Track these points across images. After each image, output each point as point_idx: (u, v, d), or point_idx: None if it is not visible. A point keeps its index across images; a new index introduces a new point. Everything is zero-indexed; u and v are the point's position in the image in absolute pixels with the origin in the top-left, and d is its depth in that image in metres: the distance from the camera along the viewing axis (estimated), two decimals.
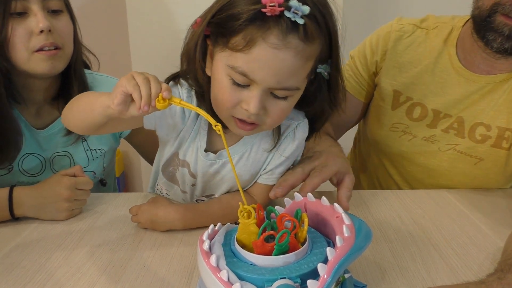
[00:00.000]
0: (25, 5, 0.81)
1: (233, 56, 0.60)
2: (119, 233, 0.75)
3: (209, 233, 0.55)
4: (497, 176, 0.93)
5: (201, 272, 0.52)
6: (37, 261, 0.67)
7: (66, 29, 0.88)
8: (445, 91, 0.93)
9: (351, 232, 0.52)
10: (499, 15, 0.79)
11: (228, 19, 0.59)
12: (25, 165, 0.94)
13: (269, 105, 0.63)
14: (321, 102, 0.71)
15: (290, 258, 0.51)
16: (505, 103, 0.89)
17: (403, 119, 0.98)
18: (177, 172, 0.79)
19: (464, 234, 0.75)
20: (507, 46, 0.80)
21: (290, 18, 0.57)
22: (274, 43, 0.58)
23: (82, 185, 0.80)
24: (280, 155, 0.75)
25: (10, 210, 0.77)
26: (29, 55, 0.83)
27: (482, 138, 0.91)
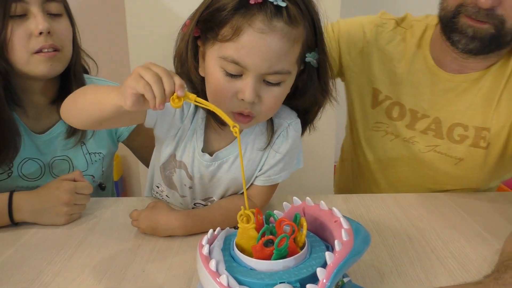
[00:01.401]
0: (25, 7, 0.82)
1: (223, 46, 0.62)
2: (118, 238, 0.75)
3: (208, 238, 0.56)
4: (478, 175, 0.94)
5: (201, 277, 0.52)
6: (37, 266, 0.67)
7: (65, 32, 0.89)
8: (421, 91, 0.94)
9: (349, 236, 0.52)
10: (463, 16, 0.81)
11: (215, 12, 0.62)
12: (24, 169, 0.94)
13: (263, 92, 0.65)
14: (313, 91, 0.72)
15: (289, 263, 0.51)
16: (480, 102, 0.90)
17: (383, 119, 0.99)
18: (174, 175, 0.79)
19: (462, 237, 0.75)
20: (471, 46, 0.82)
21: (272, 2, 0.60)
22: (260, 28, 0.60)
23: (82, 189, 0.81)
24: (276, 152, 0.76)
25: (10, 215, 0.77)
26: (28, 57, 0.84)
27: (460, 138, 0.92)
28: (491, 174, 0.95)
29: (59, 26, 0.87)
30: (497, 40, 0.80)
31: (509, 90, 0.87)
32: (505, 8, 0.76)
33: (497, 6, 0.76)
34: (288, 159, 0.78)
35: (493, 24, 0.78)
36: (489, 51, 0.82)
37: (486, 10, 0.77)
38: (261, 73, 0.63)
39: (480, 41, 0.80)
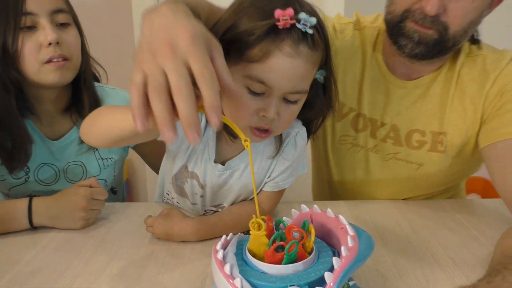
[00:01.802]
0: (34, 19, 0.86)
1: (250, 66, 0.64)
2: (133, 242, 0.79)
3: (222, 243, 0.59)
4: (438, 178, 0.96)
5: (216, 280, 0.56)
6: (57, 269, 0.71)
7: (74, 41, 0.93)
8: (377, 98, 0.96)
9: (355, 242, 0.56)
10: (409, 21, 0.82)
11: (242, 35, 0.63)
12: (40, 175, 0.98)
13: (281, 110, 0.68)
14: (319, 105, 0.76)
15: (298, 267, 0.55)
16: (433, 108, 0.92)
17: (349, 131, 1.00)
18: (185, 185, 0.83)
19: (461, 242, 0.78)
20: (417, 51, 0.83)
21: (300, 29, 0.62)
22: (289, 52, 0.62)
23: (98, 195, 0.84)
24: (284, 160, 0.80)
25: (29, 219, 0.81)
26: (39, 67, 0.87)
27: (418, 144, 0.94)
28: (451, 176, 0.97)
29: (68, 36, 0.91)
30: (440, 45, 0.82)
31: (458, 94, 0.90)
32: (449, 16, 0.79)
33: (442, 13, 0.78)
34: (295, 166, 0.82)
35: (438, 30, 0.80)
36: (432, 55, 0.84)
37: (431, 17, 0.79)
38: (284, 93, 0.66)
39: (425, 46, 0.82)
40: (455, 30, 0.80)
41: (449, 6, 0.77)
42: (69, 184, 1.02)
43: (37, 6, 0.86)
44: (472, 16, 0.79)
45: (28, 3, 0.85)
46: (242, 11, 0.65)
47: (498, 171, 0.81)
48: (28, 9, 0.85)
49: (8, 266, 0.72)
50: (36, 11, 0.85)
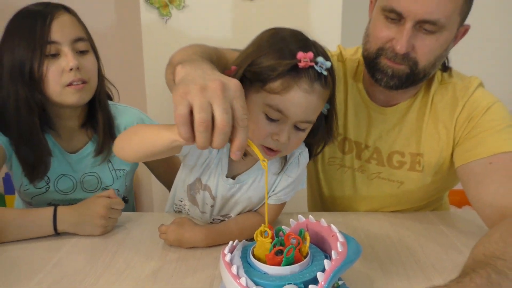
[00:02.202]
0: (57, 47, 0.96)
1: (271, 97, 0.74)
2: (147, 248, 0.88)
3: (229, 248, 0.68)
4: (418, 194, 1.05)
5: (224, 279, 0.65)
6: (82, 271, 0.80)
7: (92, 66, 1.03)
8: (361, 123, 1.05)
9: (344, 248, 0.65)
10: (383, 58, 0.91)
11: (266, 69, 0.73)
12: (59, 185, 1.08)
13: (292, 135, 0.78)
14: (322, 134, 0.86)
15: (295, 268, 0.63)
16: (411, 131, 1.01)
17: (336, 153, 1.09)
18: (198, 195, 0.92)
19: (441, 250, 0.87)
20: (391, 84, 0.92)
21: (317, 70, 0.72)
22: (305, 89, 0.73)
23: (115, 205, 0.93)
24: (288, 176, 0.89)
25: (54, 226, 0.90)
26: (61, 89, 0.98)
27: (399, 164, 1.03)
28: (431, 192, 1.06)
29: (86, 62, 1.01)
30: (412, 77, 0.91)
31: (432, 119, 0.99)
32: (417, 53, 0.88)
33: (411, 51, 0.88)
34: (297, 182, 0.91)
35: (408, 65, 0.89)
36: (406, 86, 0.93)
37: (402, 55, 0.88)
38: (296, 121, 0.76)
39: (398, 79, 0.91)
40: (424, 64, 0.90)
41: (416, 44, 0.87)
42: (85, 193, 1.12)
43: (60, 36, 0.96)
44: (438, 51, 0.89)
45: (53, 33, 0.95)
46: (265, 49, 0.75)
47: (472, 188, 0.89)
48: (52, 38, 0.95)
49: (37, 268, 0.81)
50: (59, 40, 0.96)
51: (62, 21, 0.98)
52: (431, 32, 0.86)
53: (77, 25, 1.02)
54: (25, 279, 0.77)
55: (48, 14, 0.96)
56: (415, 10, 0.84)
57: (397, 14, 0.86)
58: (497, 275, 0.62)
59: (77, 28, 1.01)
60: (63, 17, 0.98)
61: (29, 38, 0.94)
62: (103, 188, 1.13)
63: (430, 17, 0.84)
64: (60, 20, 0.97)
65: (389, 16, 0.88)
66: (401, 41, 0.86)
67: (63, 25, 0.98)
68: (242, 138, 0.59)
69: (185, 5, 1.68)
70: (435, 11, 0.84)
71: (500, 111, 0.93)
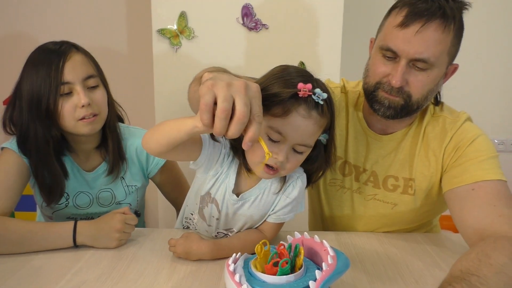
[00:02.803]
0: (70, 87, 1.07)
1: (272, 120, 0.84)
2: (158, 259, 0.97)
3: (233, 259, 0.77)
4: (409, 216, 1.14)
5: (228, 286, 0.74)
6: (100, 278, 0.89)
7: (102, 100, 1.13)
8: (359, 149, 1.16)
9: (333, 261, 0.74)
10: (380, 91, 1.02)
11: (271, 96, 0.83)
12: (78, 201, 1.19)
13: (290, 157, 0.88)
14: (320, 161, 0.96)
15: (290, 278, 0.73)
16: (405, 158, 1.11)
17: (337, 175, 1.19)
18: (205, 209, 1.02)
19: (425, 267, 0.96)
20: (388, 114, 1.03)
21: (314, 99, 0.84)
22: (303, 114, 0.84)
23: (130, 220, 1.03)
24: (286, 197, 0.99)
25: (74, 238, 0.99)
26: (75, 123, 1.09)
27: (393, 187, 1.13)
28: (422, 216, 1.16)
29: (97, 96, 1.11)
30: (406, 109, 1.02)
31: (424, 148, 1.09)
32: (411, 87, 0.99)
33: (405, 85, 0.99)
34: (295, 203, 1.01)
35: (403, 97, 1.00)
36: (401, 116, 1.03)
37: (397, 88, 0.99)
38: (294, 143, 0.86)
39: (394, 110, 1.02)
40: (417, 97, 1.01)
41: (410, 80, 0.99)
42: (100, 208, 1.22)
43: (72, 76, 1.07)
44: (429, 86, 1.00)
45: (66, 75, 1.06)
46: (274, 79, 0.86)
47: (457, 211, 0.98)
48: (65, 79, 1.06)
49: (59, 275, 0.90)
50: (72, 80, 1.06)
51: (74, 61, 1.08)
52: (422, 69, 0.98)
53: (88, 63, 1.11)
54: (48, 285, 0.86)
55: (62, 54, 1.07)
56: (408, 50, 0.96)
57: (393, 53, 0.98)
58: None
59: (87, 66, 1.11)
60: (75, 57, 1.08)
61: (45, 78, 1.05)
62: (116, 202, 1.24)
63: (421, 56, 0.96)
64: (72, 60, 1.07)
65: (386, 54, 1.00)
66: (396, 76, 0.98)
67: (75, 65, 1.07)
68: (255, 130, 0.68)
69: (194, 36, 1.81)
70: (425, 51, 0.95)
71: (484, 143, 1.03)
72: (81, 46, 1.14)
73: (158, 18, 1.80)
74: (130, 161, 1.25)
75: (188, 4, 1.78)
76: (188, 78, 1.81)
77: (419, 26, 0.94)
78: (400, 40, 0.96)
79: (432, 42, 0.95)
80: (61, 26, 2.27)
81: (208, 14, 1.79)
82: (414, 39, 0.95)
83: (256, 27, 1.79)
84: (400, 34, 0.96)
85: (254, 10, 1.77)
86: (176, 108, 1.80)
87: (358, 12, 2.14)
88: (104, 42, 2.28)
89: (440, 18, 0.94)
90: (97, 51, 1.19)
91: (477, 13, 2.27)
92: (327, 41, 1.80)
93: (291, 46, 1.79)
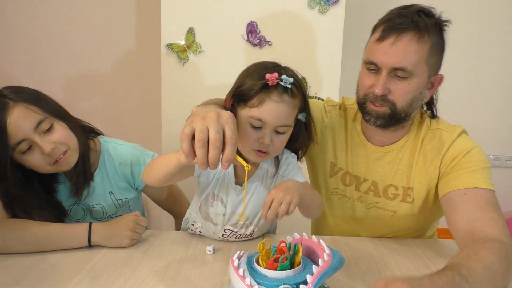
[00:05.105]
0: (29, 142, 1.04)
1: (252, 110, 0.97)
2: (167, 257, 1.04)
3: (237, 256, 0.84)
4: (409, 223, 1.21)
5: (232, 280, 0.80)
6: (112, 274, 0.96)
7: (64, 135, 1.09)
8: (359, 160, 1.23)
9: (329, 258, 0.81)
10: (368, 102, 1.12)
11: (246, 90, 0.97)
12: (72, 213, 1.23)
13: (274, 138, 1.00)
14: (303, 137, 1.09)
15: (289, 273, 0.79)
16: (403, 168, 1.19)
17: (339, 185, 1.26)
18: (211, 208, 1.10)
19: (415, 268, 1.03)
20: (379, 123, 1.12)
21: (283, 85, 0.96)
22: (276, 100, 0.96)
23: (141, 222, 1.11)
24: (282, 176, 1.11)
25: (89, 238, 1.07)
26: (51, 167, 1.09)
27: (393, 196, 1.20)
28: (420, 222, 1.23)
29: (56, 135, 1.07)
30: (395, 117, 1.10)
31: (422, 157, 1.17)
32: (394, 95, 1.08)
33: (388, 94, 1.08)
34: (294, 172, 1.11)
35: (388, 106, 1.09)
36: (391, 125, 1.12)
37: (381, 97, 1.08)
38: (275, 126, 0.98)
39: (383, 119, 1.10)
40: (402, 105, 1.09)
41: (392, 88, 1.08)
42: (94, 220, 1.22)
43: (22, 132, 1.02)
44: (412, 94, 1.09)
45: (14, 136, 1.01)
46: (246, 76, 1.00)
47: (450, 214, 1.05)
48: (17, 140, 1.02)
49: (75, 271, 0.97)
50: (24, 137, 1.03)
51: (15, 119, 1.02)
52: (403, 78, 1.07)
53: (31, 111, 1.04)
54: (65, 280, 0.93)
55: (1, 120, 1.00)
56: (387, 61, 1.05)
57: (374, 65, 1.08)
58: (460, 278, 0.79)
59: (32, 115, 1.04)
60: (14, 112, 1.02)
61: None
62: (108, 216, 1.26)
63: (399, 65, 1.04)
64: (13, 119, 1.01)
65: (370, 67, 1.10)
66: (378, 85, 1.07)
67: (18, 122, 1.02)
68: (228, 152, 0.81)
69: (201, 51, 1.90)
70: (402, 60, 1.04)
71: (477, 155, 1.11)
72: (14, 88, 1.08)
73: (167, 34, 1.90)
74: (116, 176, 1.25)
75: (196, 20, 1.88)
76: (194, 90, 1.92)
77: (394, 38, 1.04)
78: (379, 53, 1.06)
79: (407, 52, 1.04)
80: (72, 40, 2.37)
81: (214, 30, 1.89)
82: (390, 50, 1.04)
83: (260, 44, 1.89)
84: (379, 48, 1.06)
85: (259, 27, 1.87)
86: (182, 120, 1.86)
87: (358, 30, 2.23)
88: (115, 56, 2.37)
89: (413, 30, 1.03)
90: (108, 64, 1.25)
91: (470, 31, 2.38)
92: (327, 58, 1.90)
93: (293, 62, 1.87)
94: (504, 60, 2.47)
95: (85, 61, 2.36)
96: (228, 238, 1.14)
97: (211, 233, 1.15)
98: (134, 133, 1.69)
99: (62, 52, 2.36)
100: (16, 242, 1.04)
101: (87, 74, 2.37)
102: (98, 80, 2.37)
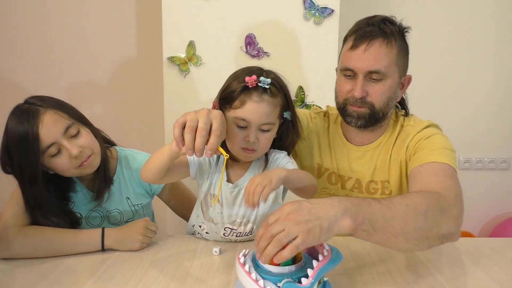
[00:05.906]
0: (57, 146, 1.11)
1: (236, 111, 1.05)
2: (176, 259, 1.11)
3: (243, 254, 0.91)
4: None
5: (239, 276, 0.87)
6: (125, 275, 1.02)
7: (89, 140, 1.16)
8: (342, 160, 1.33)
9: (328, 254, 0.87)
10: (349, 105, 1.21)
11: (228, 94, 1.06)
12: (90, 219, 1.29)
13: (260, 136, 1.08)
14: (291, 136, 1.17)
15: (292, 268, 0.86)
16: (380, 164, 1.29)
17: (326, 185, 1.36)
18: (210, 208, 1.17)
19: (408, 262, 1.09)
20: (360, 123, 1.22)
21: (261, 86, 1.04)
22: (256, 100, 1.05)
23: (151, 226, 1.18)
24: None
25: (102, 242, 1.13)
26: (76, 170, 1.16)
27: (374, 191, 1.31)
28: None
29: (82, 140, 1.14)
30: (374, 117, 1.20)
31: (395, 153, 1.26)
32: (371, 97, 1.18)
33: (366, 96, 1.18)
34: (280, 162, 1.17)
35: (367, 107, 1.19)
36: (371, 125, 1.22)
37: (360, 99, 1.18)
38: (258, 124, 1.06)
39: (363, 119, 1.20)
40: (379, 105, 1.19)
41: (369, 91, 1.18)
42: (111, 226, 1.29)
43: (53, 137, 1.09)
44: (387, 94, 1.19)
45: (45, 140, 1.07)
46: (230, 80, 1.08)
47: (410, 188, 1.13)
48: (47, 143, 1.08)
49: (90, 273, 1.03)
50: (54, 141, 1.09)
51: (47, 123, 1.08)
52: (378, 80, 1.17)
53: (60, 117, 1.11)
54: (82, 281, 1.00)
55: (33, 125, 1.06)
56: (362, 65, 1.15)
57: (351, 71, 1.18)
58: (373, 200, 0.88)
59: (61, 120, 1.11)
60: (46, 118, 1.09)
61: (29, 153, 1.07)
62: (125, 221, 1.31)
63: (373, 68, 1.15)
64: (44, 124, 1.08)
65: (346, 74, 1.20)
66: (357, 89, 1.17)
67: (49, 127, 1.08)
68: (212, 141, 0.91)
69: (201, 63, 1.98)
70: (375, 64, 1.14)
71: (438, 138, 1.20)
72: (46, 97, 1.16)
73: (168, 47, 1.98)
74: (133, 182, 1.31)
75: (196, 34, 1.96)
76: (196, 101, 1.99)
77: (366, 44, 1.14)
78: (354, 59, 1.16)
79: (379, 56, 1.14)
80: (75, 52, 2.41)
81: (214, 43, 1.97)
82: (364, 55, 1.14)
83: (258, 55, 1.97)
84: (353, 55, 1.16)
85: (257, 39, 1.95)
86: None
87: None
88: (118, 70, 2.44)
89: (381, 36, 1.15)
90: (111, 76, 1.28)
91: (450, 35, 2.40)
92: (323, 67, 1.97)
93: (290, 73, 1.94)
94: (502, 62, 2.46)
95: (87, 72, 2.40)
96: (230, 237, 1.20)
97: (214, 233, 1.21)
98: (137, 143, 1.73)
99: (64, 65, 2.39)
100: (33, 248, 1.11)
101: (90, 85, 2.42)
102: (100, 91, 2.42)
